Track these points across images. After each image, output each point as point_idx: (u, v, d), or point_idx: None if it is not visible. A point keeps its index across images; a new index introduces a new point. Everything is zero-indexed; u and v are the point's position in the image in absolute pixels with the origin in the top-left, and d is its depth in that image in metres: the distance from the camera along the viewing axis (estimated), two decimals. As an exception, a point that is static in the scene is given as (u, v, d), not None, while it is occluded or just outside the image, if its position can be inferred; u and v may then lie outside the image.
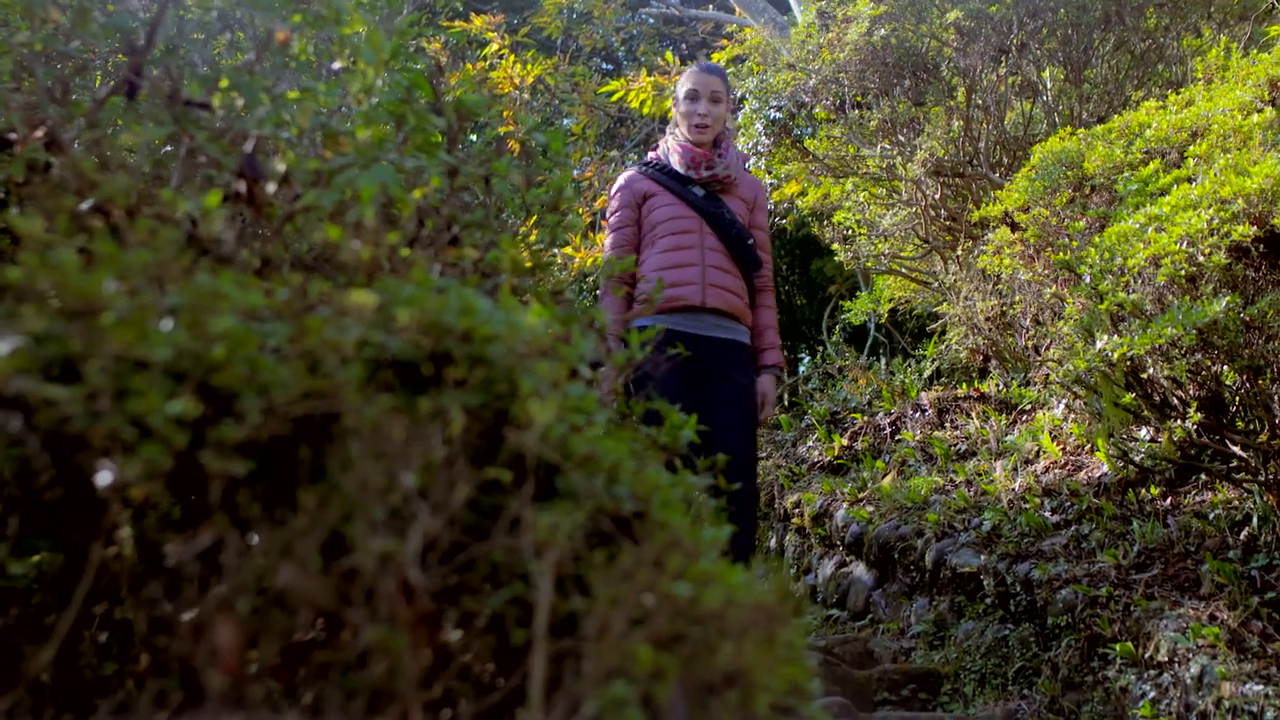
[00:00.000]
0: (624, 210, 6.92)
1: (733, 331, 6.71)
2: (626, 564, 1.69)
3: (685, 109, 6.96)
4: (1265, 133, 6.28)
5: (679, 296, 6.57)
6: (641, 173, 7.02)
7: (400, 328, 1.76)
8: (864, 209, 11.45)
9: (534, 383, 1.78)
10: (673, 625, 1.69)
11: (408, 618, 1.59)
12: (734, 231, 6.75)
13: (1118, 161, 6.65)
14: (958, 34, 9.99)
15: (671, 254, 6.67)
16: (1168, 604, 5.99)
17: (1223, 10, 10.45)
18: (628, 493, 1.84)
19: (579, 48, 22.00)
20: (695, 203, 6.79)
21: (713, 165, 6.87)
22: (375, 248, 2.05)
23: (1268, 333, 5.38)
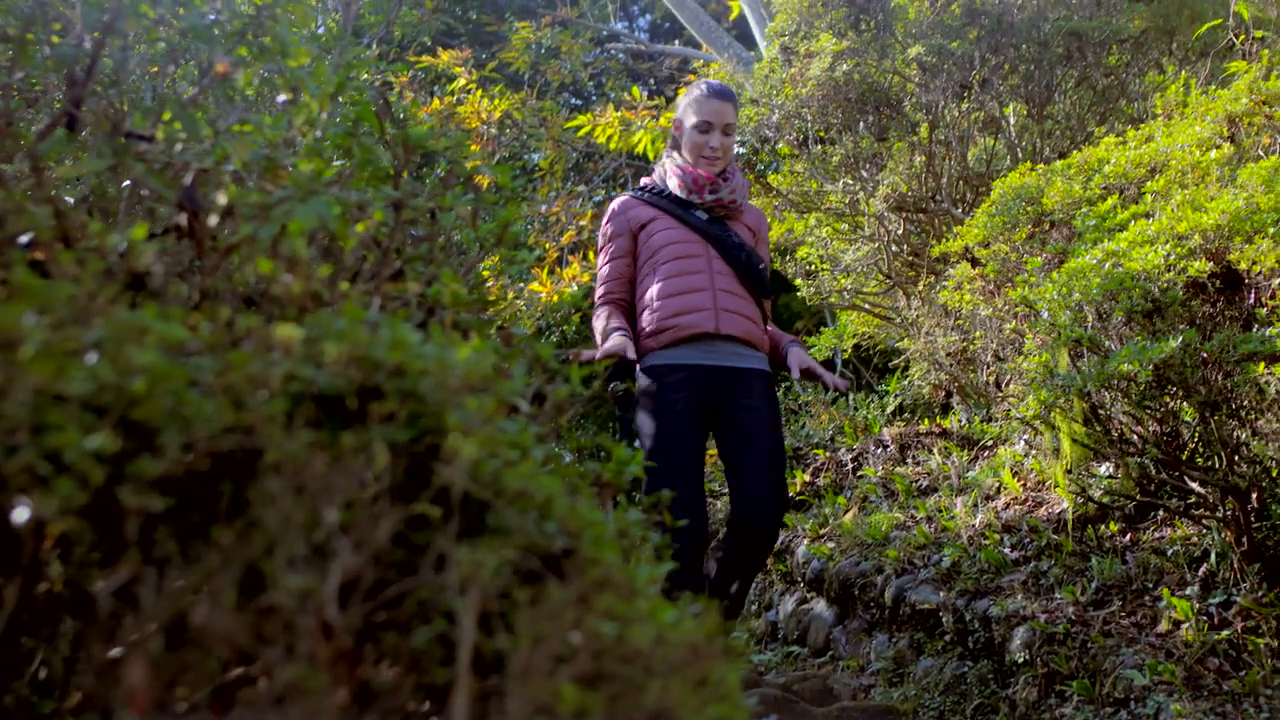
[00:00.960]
0: (618, 239, 6.42)
1: (752, 359, 6.21)
2: (553, 601, 1.67)
3: (694, 140, 6.41)
4: (1223, 169, 6.30)
5: (690, 324, 6.05)
6: (637, 198, 6.53)
7: (329, 362, 1.75)
8: (827, 244, 11.45)
9: (462, 418, 1.76)
10: (599, 664, 1.67)
11: (326, 656, 1.57)
12: (743, 255, 6.27)
13: (1076, 197, 6.66)
14: (920, 70, 10.02)
15: (677, 280, 6.16)
16: (1125, 641, 5.98)
17: (1184, 47, 10.50)
18: (558, 529, 1.82)
19: (546, 83, 22.04)
20: (699, 226, 6.31)
21: (717, 189, 6.39)
22: (307, 281, 2.03)
23: (1224, 369, 5.38)
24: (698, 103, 6.44)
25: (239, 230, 2.28)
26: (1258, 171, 5.86)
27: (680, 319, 6.07)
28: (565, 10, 22.64)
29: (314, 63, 3.04)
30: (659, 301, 6.13)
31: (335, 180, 2.83)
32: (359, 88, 3.11)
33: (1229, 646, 5.76)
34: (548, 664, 1.64)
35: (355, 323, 1.80)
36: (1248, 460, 5.76)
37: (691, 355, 6.06)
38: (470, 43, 22.42)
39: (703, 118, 6.40)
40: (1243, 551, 5.99)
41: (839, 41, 10.06)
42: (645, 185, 6.64)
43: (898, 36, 10.18)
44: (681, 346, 6.08)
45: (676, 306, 6.09)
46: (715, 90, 6.45)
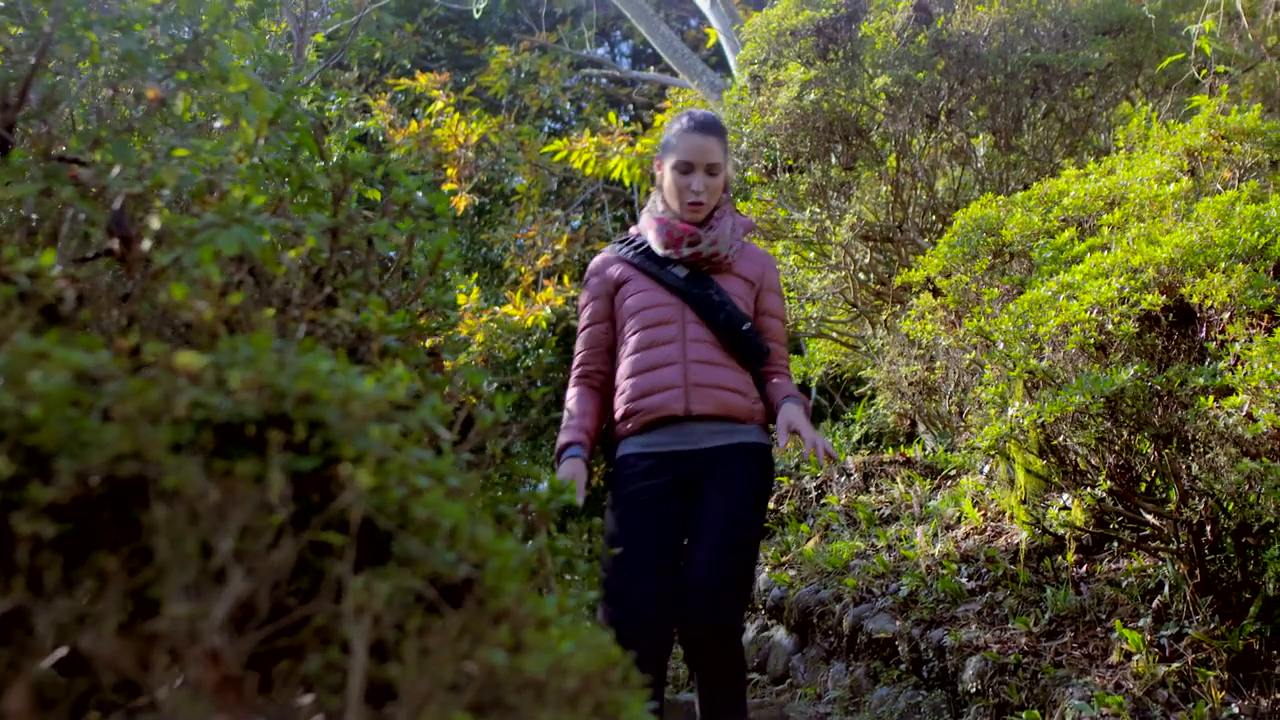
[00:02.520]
0: (594, 303, 5.65)
1: (735, 435, 5.37)
2: (444, 630, 1.68)
3: (674, 182, 5.51)
4: (1179, 202, 6.33)
5: (656, 407, 5.30)
6: (617, 255, 5.72)
7: (234, 390, 1.75)
8: (794, 272, 11.48)
9: (363, 446, 1.77)
10: (492, 693, 1.68)
11: (211, 683, 1.58)
12: (722, 316, 5.40)
13: (1035, 229, 6.69)
14: (887, 100, 10.06)
15: (645, 354, 5.39)
16: (1075, 672, 6.00)
17: (1150, 80, 10.55)
18: (461, 558, 1.83)
19: (525, 107, 22.07)
20: (675, 286, 5.48)
21: (696, 241, 5.47)
22: (219, 308, 2.04)
23: (1177, 402, 5.41)
24: (678, 138, 5.55)
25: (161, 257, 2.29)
26: (1213, 206, 5.90)
27: (646, 401, 5.34)
28: (544, 35, 22.69)
29: (253, 89, 3.05)
30: (626, 381, 5.41)
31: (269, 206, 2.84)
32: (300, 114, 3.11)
33: (1179, 679, 5.78)
34: (440, 693, 1.64)
35: (263, 350, 1.81)
36: (1201, 493, 5.78)
37: (661, 441, 5.33)
38: (449, 66, 22.46)
39: (682, 157, 5.49)
40: (1196, 584, 6.02)
41: (807, 70, 10.10)
42: (628, 237, 5.83)
43: (865, 66, 10.21)
44: (651, 432, 5.35)
45: (643, 386, 5.36)
46: (697, 123, 5.58)
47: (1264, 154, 6.92)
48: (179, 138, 2.96)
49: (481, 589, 1.82)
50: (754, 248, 5.81)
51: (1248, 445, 5.13)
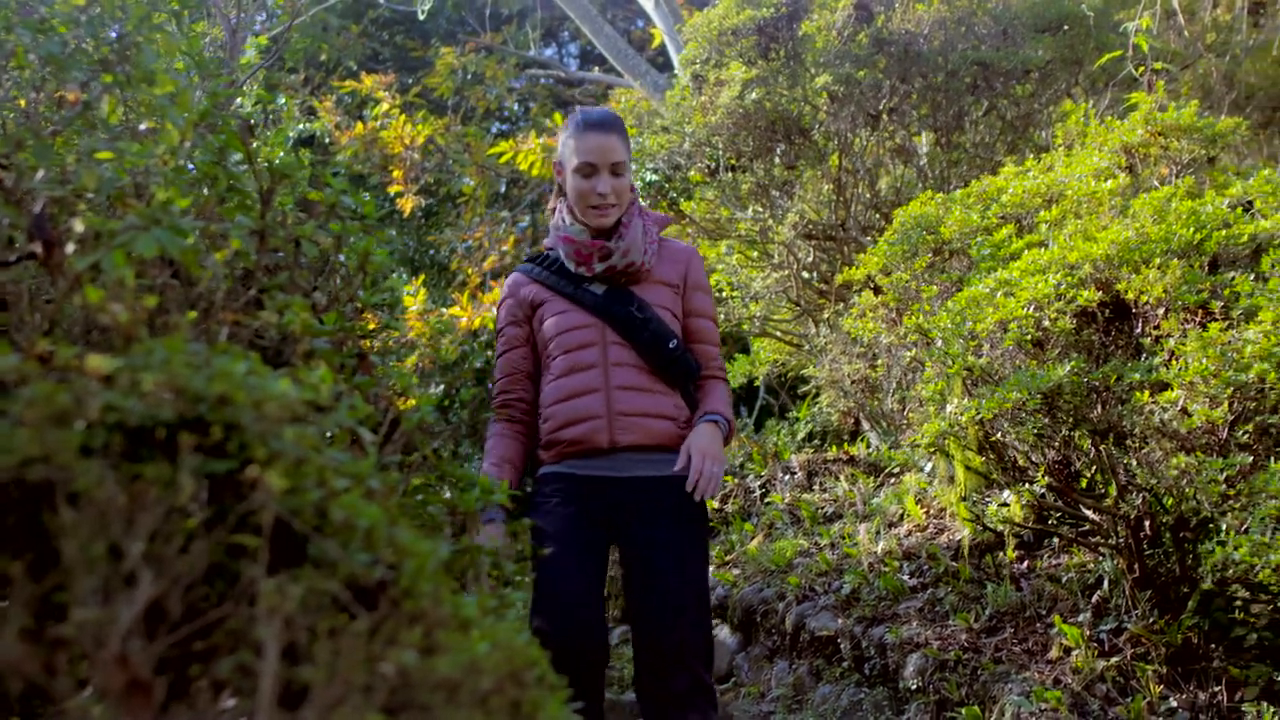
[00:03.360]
0: (510, 329, 5.23)
1: (663, 465, 4.90)
2: (360, 632, 1.68)
3: (578, 187, 5.07)
4: (1116, 199, 6.37)
5: (579, 438, 4.90)
6: (529, 275, 5.27)
7: (147, 393, 1.75)
8: (737, 271, 11.49)
9: (276, 447, 1.76)
10: (405, 694, 1.68)
11: (119, 688, 1.57)
12: (646, 335, 4.96)
13: (974, 226, 6.71)
14: (829, 98, 10.07)
15: (566, 380, 4.97)
16: (1015, 668, 6.03)
17: (1090, 77, 10.61)
18: (377, 560, 1.82)
19: (471, 108, 22.03)
20: (593, 305, 5.05)
21: (608, 255, 5.05)
22: (134, 311, 2.03)
23: (1114, 396, 5.44)
24: (576, 139, 5.09)
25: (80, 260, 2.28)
26: (1149, 202, 5.93)
27: (568, 432, 4.94)
28: (490, 37, 22.66)
29: (179, 91, 3.03)
30: (548, 408, 5.02)
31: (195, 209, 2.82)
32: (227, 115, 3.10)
33: (1118, 673, 5.81)
34: (352, 695, 1.64)
35: (177, 353, 1.80)
36: (1138, 488, 5.81)
37: (587, 465, 4.91)
38: (395, 68, 22.40)
39: (584, 159, 5.04)
40: (1134, 579, 6.04)
41: (749, 70, 10.11)
42: (541, 254, 5.38)
43: (807, 65, 10.23)
44: (574, 460, 4.94)
45: (564, 415, 4.95)
46: (593, 121, 5.11)
47: (1200, 150, 6.97)
48: (104, 141, 2.94)
49: (397, 590, 1.81)
50: (673, 244, 5.35)
51: (1183, 440, 5.16)
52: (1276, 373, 4.92)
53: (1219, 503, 4.98)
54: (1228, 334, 5.08)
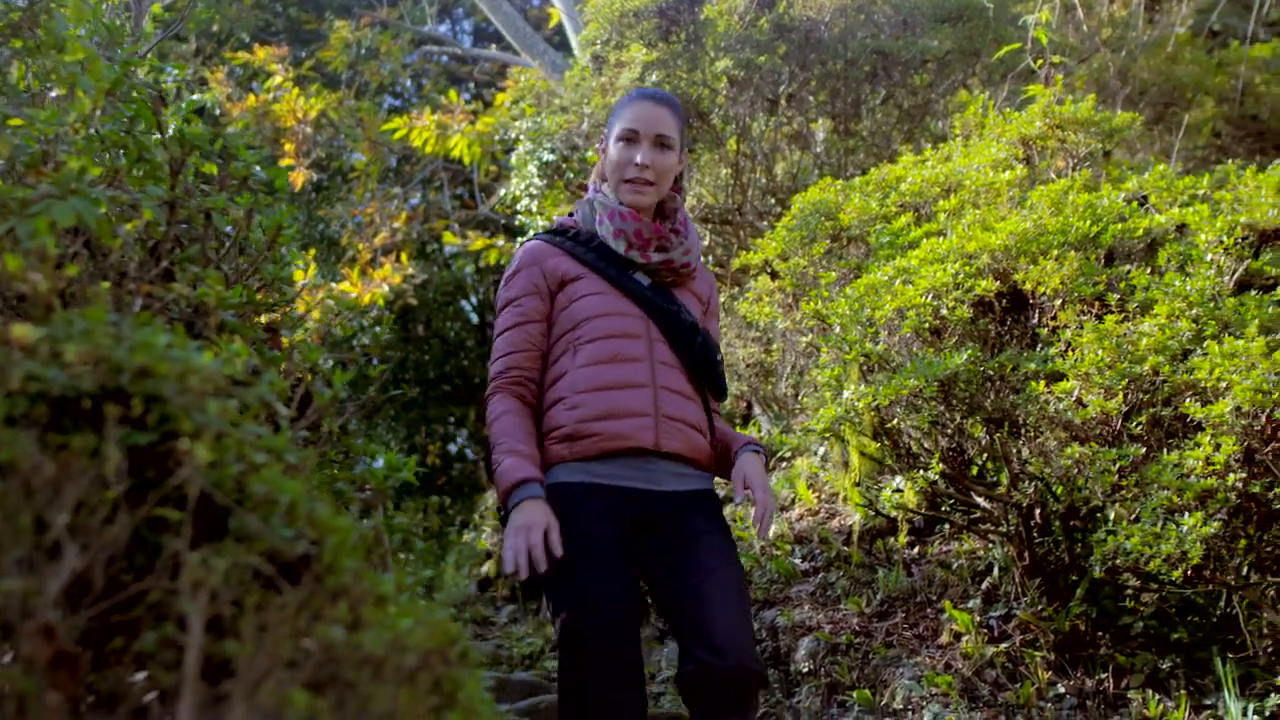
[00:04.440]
0: (527, 299, 4.44)
1: (696, 481, 4.35)
2: (282, 607, 1.67)
3: (617, 155, 4.42)
4: (1014, 190, 6.43)
5: (622, 434, 4.20)
6: (554, 244, 4.54)
7: (70, 363, 1.73)
8: (633, 253, 11.50)
9: (201, 421, 1.75)
10: (330, 669, 1.67)
11: (44, 659, 1.56)
12: (698, 341, 4.42)
13: (872, 214, 6.76)
14: (729, 83, 10.09)
15: (608, 368, 4.28)
16: (906, 652, 6.08)
17: (988, 69, 10.70)
18: (300, 535, 1.82)
19: (365, 83, 21.88)
20: (640, 295, 4.41)
21: (667, 245, 4.44)
22: (54, 280, 2.00)
23: (1009, 386, 5.49)
24: (624, 106, 4.50)
25: (-5, 226, 2.25)
26: (1047, 194, 6.00)
27: (607, 425, 4.22)
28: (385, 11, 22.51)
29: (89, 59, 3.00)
30: (579, 395, 4.25)
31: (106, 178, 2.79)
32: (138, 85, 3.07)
33: (1007, 659, 5.88)
34: (276, 669, 1.63)
35: (98, 324, 1.78)
36: (1030, 477, 5.88)
37: (618, 474, 4.22)
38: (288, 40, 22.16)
39: (627, 124, 4.41)
40: (1024, 566, 6.11)
41: (649, 52, 10.11)
42: (563, 226, 4.65)
43: (707, 49, 10.24)
44: (605, 461, 4.22)
45: (604, 405, 4.23)
46: (647, 92, 4.51)
47: (1096, 144, 7.05)
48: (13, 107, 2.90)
49: (319, 566, 1.80)
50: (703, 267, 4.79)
51: (1077, 430, 5.22)
52: (1170, 365, 4.99)
53: (1111, 493, 5.05)
54: (1123, 326, 5.15)
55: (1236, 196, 5.86)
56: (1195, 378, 4.90)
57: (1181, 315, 5.12)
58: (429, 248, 18.85)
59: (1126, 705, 5.59)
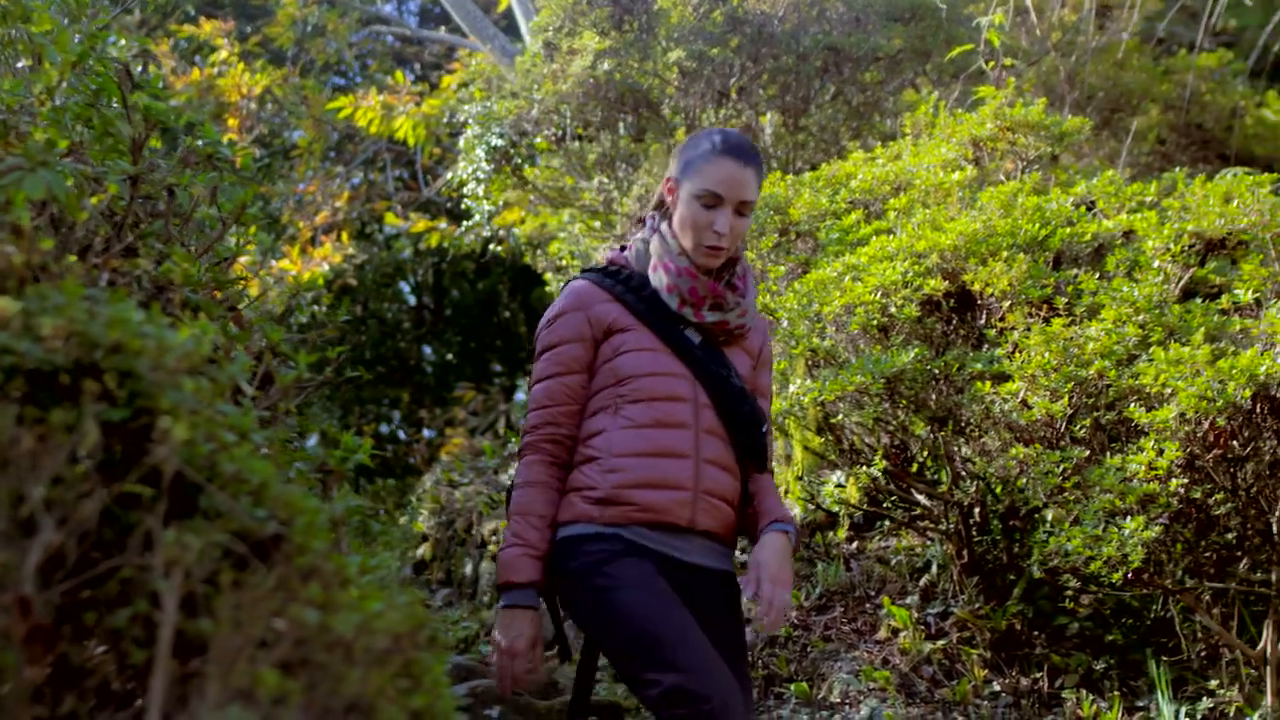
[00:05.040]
0: (570, 345, 4.06)
1: (721, 558, 4.09)
2: (255, 586, 1.67)
3: (693, 216, 3.95)
4: (964, 191, 6.47)
5: (658, 505, 3.88)
6: (604, 287, 4.13)
7: (45, 337, 1.73)
8: (579, 241, 11.49)
9: (177, 399, 1.75)
10: (301, 650, 1.68)
11: (21, 634, 1.56)
12: (746, 409, 4.09)
13: (822, 209, 6.78)
14: (680, 74, 10.10)
15: (653, 433, 3.94)
16: (844, 646, 6.12)
17: (938, 69, 10.75)
18: (270, 515, 1.82)
19: (310, 61, 21.78)
20: (689, 354, 4.05)
21: (723, 304, 4.05)
22: (30, 253, 2.00)
23: (954, 386, 5.53)
24: (706, 161, 3.97)
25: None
26: (997, 196, 6.04)
27: (644, 495, 3.89)
28: (334, -12, 22.43)
29: (57, 30, 2.98)
30: (618, 459, 3.93)
31: (71, 151, 2.79)
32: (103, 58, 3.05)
33: (944, 656, 5.92)
34: (249, 649, 1.64)
35: (74, 298, 1.78)
36: (972, 476, 5.92)
37: (649, 537, 3.91)
38: (235, 15, 22.04)
39: (710, 186, 3.93)
40: (962, 564, 6.16)
41: (602, 40, 10.10)
42: (614, 266, 4.23)
43: (660, 39, 10.24)
44: (640, 529, 3.91)
45: (643, 473, 3.91)
46: (733, 146, 4.00)
47: (1046, 147, 7.10)
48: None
49: (290, 546, 1.81)
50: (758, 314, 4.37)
51: (1021, 431, 5.27)
52: (1116, 370, 5.04)
53: (1053, 494, 5.09)
54: (1070, 330, 5.19)
55: (1184, 204, 5.91)
56: (1140, 383, 4.95)
57: (1128, 321, 5.17)
58: (369, 228, 18.80)
59: (1061, 705, 5.65)
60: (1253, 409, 4.89)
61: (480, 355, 19.73)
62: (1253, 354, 4.80)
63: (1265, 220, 5.67)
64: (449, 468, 12.08)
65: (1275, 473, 5.02)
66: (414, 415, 19.10)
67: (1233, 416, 4.86)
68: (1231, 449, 4.99)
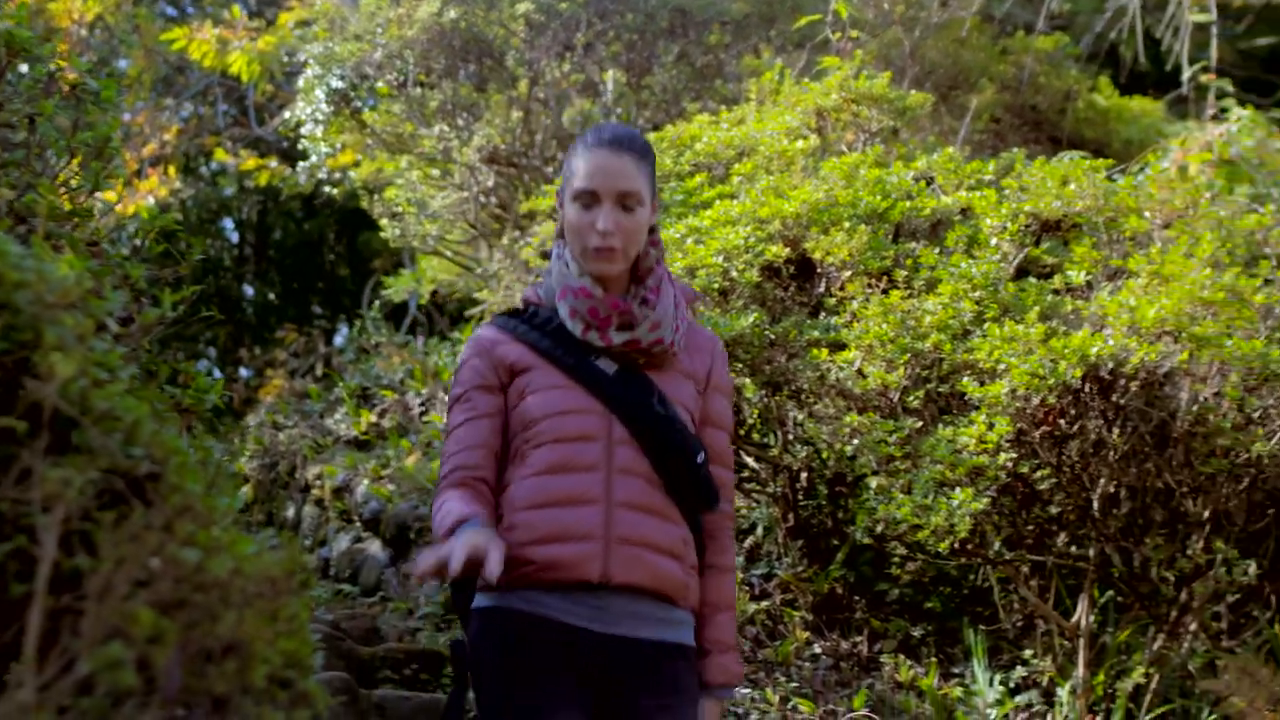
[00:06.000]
0: (476, 394, 3.58)
1: (662, 626, 3.44)
2: (136, 525, 1.67)
3: (575, 219, 3.49)
4: (808, 159, 6.53)
5: (562, 563, 3.33)
6: (506, 330, 3.65)
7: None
8: (416, 188, 11.43)
9: (59, 334, 1.74)
10: (177, 590, 1.68)
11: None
12: (671, 440, 3.48)
13: (667, 171, 6.82)
14: (526, 26, 10.09)
15: (553, 480, 3.42)
16: (669, 604, 6.18)
17: (782, 35, 10.82)
18: (143, 453, 1.81)
19: (145, -12, 21.41)
20: (600, 386, 3.51)
21: (632, 321, 3.49)
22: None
23: (789, 351, 5.59)
24: (577, 159, 3.56)
25: None
26: (839, 166, 6.11)
27: (545, 550, 3.35)
28: (170, -85, 22.05)
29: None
30: (518, 514, 3.42)
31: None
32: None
33: (767, 617, 6.00)
34: (126, 587, 1.64)
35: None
36: (801, 441, 6.00)
37: (565, 607, 3.36)
38: (67, -62, 21.61)
39: (584, 184, 3.49)
40: (788, 528, 6.25)
41: (449, -14, 10.07)
42: (526, 304, 3.76)
43: (508, -11, 10.23)
44: (549, 594, 3.36)
45: (544, 526, 3.38)
46: (606, 138, 3.56)
47: (888, 121, 7.20)
48: None
49: (164, 486, 1.81)
50: (698, 328, 3.83)
51: (856, 400, 5.35)
52: (951, 344, 5.14)
53: (885, 463, 5.18)
54: (908, 302, 5.29)
55: (1022, 185, 6.02)
56: (974, 358, 5.06)
57: (965, 296, 5.28)
58: (196, 163, 18.54)
59: (879, 669, 5.77)
60: (1081, 388, 5.01)
61: (303, 296, 19.60)
62: (1084, 335, 4.93)
63: (1100, 204, 5.82)
64: (273, 409, 12.01)
65: (1099, 452, 5.15)
66: (232, 355, 18.91)
67: (1062, 395, 4.99)
68: (1059, 427, 5.11)
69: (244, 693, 1.75)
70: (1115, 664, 5.67)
